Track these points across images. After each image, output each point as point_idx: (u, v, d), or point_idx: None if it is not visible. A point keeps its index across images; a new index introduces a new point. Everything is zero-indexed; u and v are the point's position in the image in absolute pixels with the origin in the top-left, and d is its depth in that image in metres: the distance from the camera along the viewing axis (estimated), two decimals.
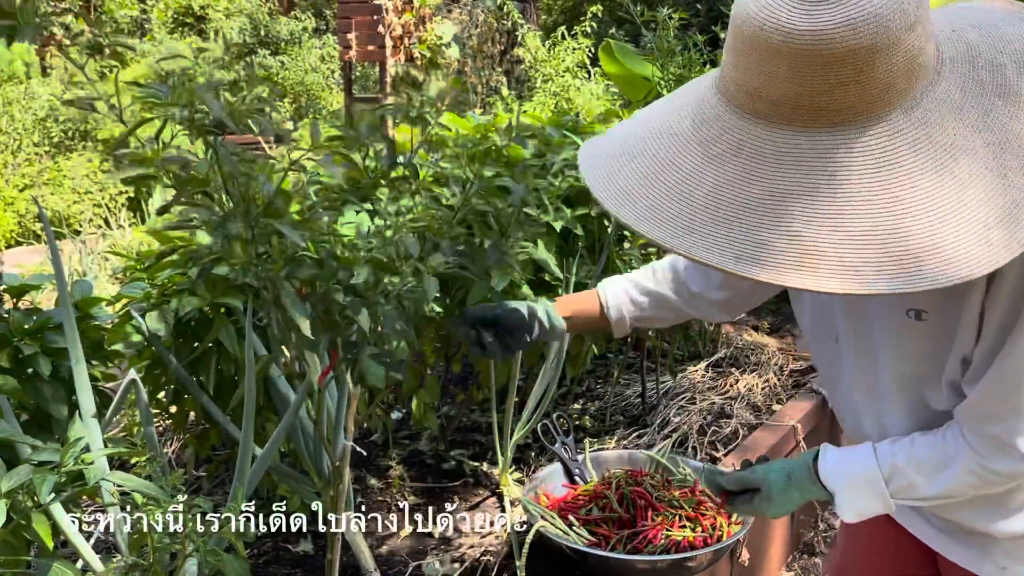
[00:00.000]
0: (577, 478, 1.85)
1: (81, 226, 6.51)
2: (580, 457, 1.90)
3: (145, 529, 1.05)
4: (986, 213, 0.73)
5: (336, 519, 1.41)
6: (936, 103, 0.78)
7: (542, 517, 1.64)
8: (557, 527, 1.63)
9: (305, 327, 1.08)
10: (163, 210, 1.09)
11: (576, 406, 2.53)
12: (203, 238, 1.51)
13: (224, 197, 1.03)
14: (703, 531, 1.62)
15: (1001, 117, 0.77)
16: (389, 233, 1.15)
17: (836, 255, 0.74)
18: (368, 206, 1.24)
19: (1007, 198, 0.74)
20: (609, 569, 1.58)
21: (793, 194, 0.76)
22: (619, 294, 1.35)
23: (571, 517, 1.65)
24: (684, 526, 1.63)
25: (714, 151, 0.81)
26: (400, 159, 1.17)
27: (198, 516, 1.07)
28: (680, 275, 1.31)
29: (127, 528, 1.32)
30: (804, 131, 0.77)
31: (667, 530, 1.61)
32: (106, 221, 6.75)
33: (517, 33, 9.32)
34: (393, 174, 1.17)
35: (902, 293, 0.72)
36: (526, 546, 1.61)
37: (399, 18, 8.32)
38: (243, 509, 1.17)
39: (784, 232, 0.75)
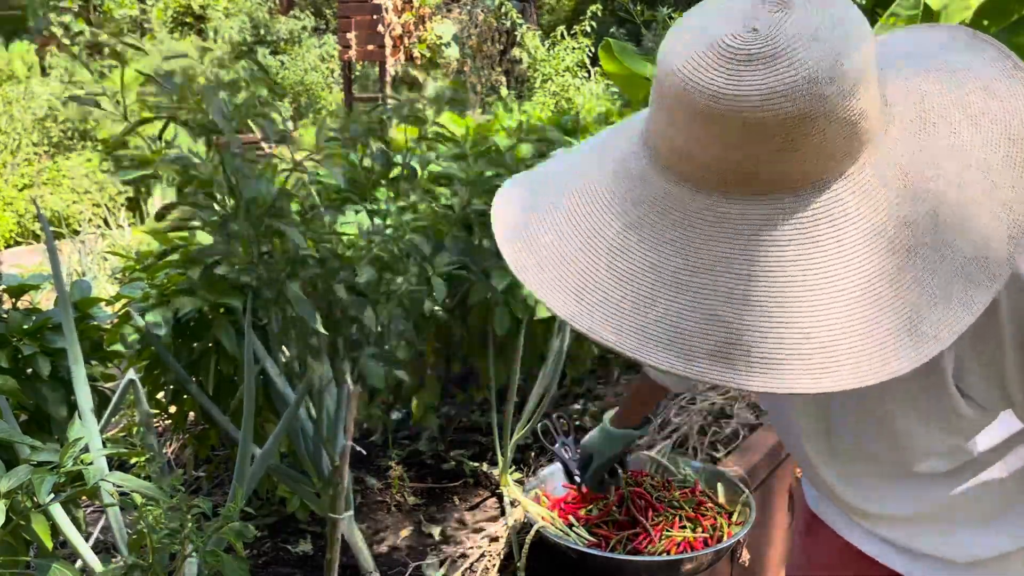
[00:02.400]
0: (577, 478, 1.85)
1: (80, 226, 6.51)
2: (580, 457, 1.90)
3: (144, 529, 1.04)
4: (918, 297, 0.66)
5: (336, 519, 1.41)
6: (878, 168, 0.70)
7: (542, 517, 1.64)
8: (557, 527, 1.63)
9: (317, 324, 1.08)
10: (161, 215, 1.09)
11: (576, 406, 2.53)
12: (204, 238, 1.51)
13: (226, 198, 1.03)
14: (703, 532, 1.62)
15: (949, 183, 0.69)
16: (390, 232, 1.15)
17: (762, 344, 0.65)
18: (368, 206, 1.24)
19: (942, 278, 0.67)
20: (609, 570, 1.58)
21: (715, 271, 0.67)
22: None
23: (571, 517, 1.65)
24: (684, 527, 1.63)
25: (634, 215, 0.72)
26: (397, 159, 1.17)
27: (198, 516, 1.07)
28: None
29: (126, 528, 1.32)
30: (735, 199, 0.68)
31: (667, 531, 1.60)
32: (105, 221, 6.74)
33: (516, 33, 9.32)
34: (392, 174, 1.17)
35: (819, 393, 0.64)
36: (526, 546, 1.61)
37: (399, 18, 8.32)
38: (242, 509, 1.17)
39: (705, 314, 0.67)
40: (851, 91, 0.66)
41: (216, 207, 1.06)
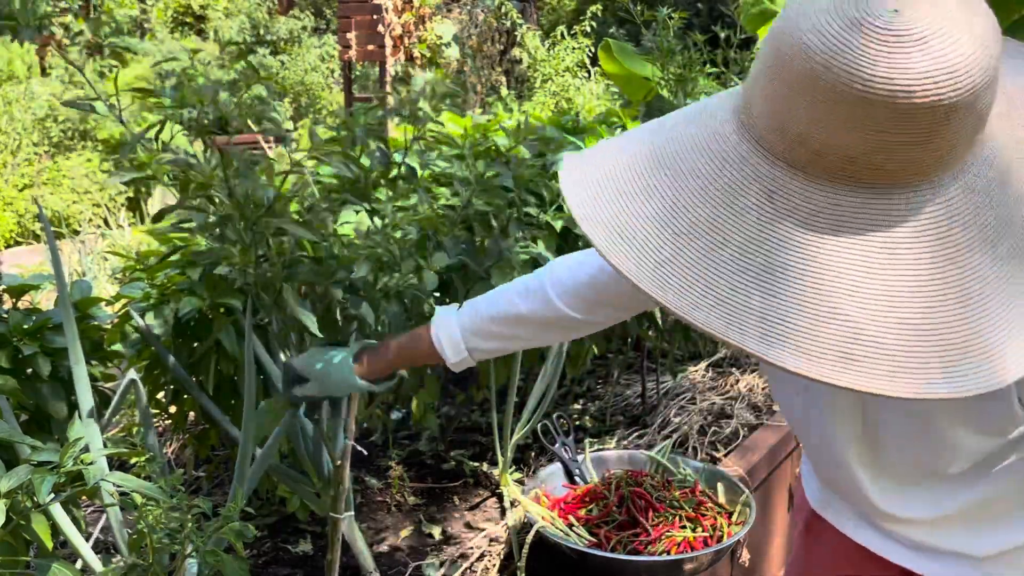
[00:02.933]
0: (577, 478, 1.85)
1: (80, 226, 6.51)
2: (580, 457, 1.90)
3: (144, 529, 1.04)
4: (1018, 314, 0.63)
5: (336, 519, 1.41)
6: (981, 167, 0.67)
7: (542, 517, 1.64)
8: (557, 527, 1.63)
9: (312, 326, 1.08)
10: (159, 216, 1.09)
11: (576, 406, 2.53)
12: (203, 240, 1.52)
13: (224, 199, 1.03)
14: (703, 531, 1.62)
15: None
16: (393, 232, 1.15)
17: (887, 346, 0.61)
18: (367, 206, 1.24)
19: None
20: (609, 570, 1.58)
21: (833, 266, 0.64)
22: (465, 343, 1.15)
23: (571, 517, 1.65)
24: (684, 527, 1.63)
25: (740, 203, 0.67)
26: (396, 157, 1.17)
27: (198, 516, 1.07)
28: (555, 304, 1.10)
29: (126, 528, 1.32)
30: (846, 190, 0.65)
31: (667, 531, 1.60)
32: (105, 221, 6.74)
33: (516, 33, 9.32)
34: (391, 173, 1.17)
35: (949, 398, 0.61)
36: (526, 546, 1.61)
37: (399, 18, 8.32)
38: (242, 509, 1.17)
39: (828, 312, 0.62)
40: (992, 82, 0.63)
41: (213, 209, 1.06)
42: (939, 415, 0.89)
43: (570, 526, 1.65)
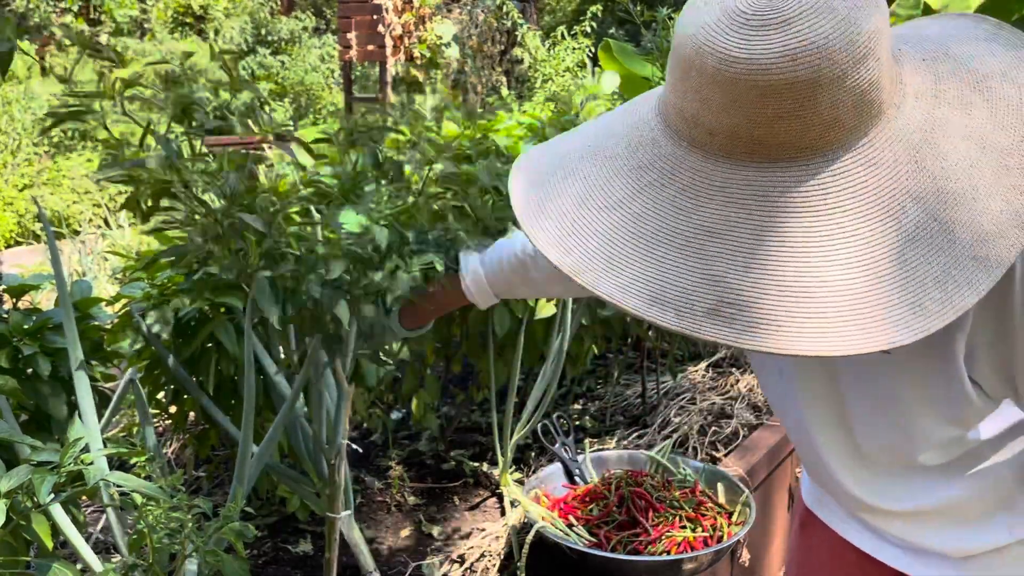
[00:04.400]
0: (577, 478, 1.85)
1: (80, 226, 6.51)
2: (580, 457, 1.90)
3: (144, 529, 1.05)
4: (924, 272, 0.66)
5: (335, 519, 1.41)
6: (889, 142, 0.70)
7: (542, 518, 1.64)
8: (557, 527, 1.63)
9: (273, 317, 1.08)
10: (148, 214, 1.09)
11: (576, 406, 2.53)
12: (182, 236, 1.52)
13: (188, 200, 1.03)
14: (703, 532, 1.62)
15: (960, 163, 0.70)
16: (374, 229, 1.15)
17: (758, 306, 0.66)
18: (363, 206, 1.25)
19: (948, 257, 0.67)
20: (609, 570, 1.58)
21: (719, 233, 0.69)
22: (488, 286, 1.24)
23: (571, 517, 1.65)
24: (684, 527, 1.63)
25: (645, 179, 0.74)
26: (401, 158, 1.18)
27: (198, 516, 1.07)
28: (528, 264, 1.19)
29: (126, 528, 1.32)
30: (741, 165, 0.70)
31: (667, 531, 1.61)
32: (105, 221, 6.75)
33: (517, 33, 9.33)
34: (383, 175, 1.18)
35: (817, 356, 0.65)
36: (526, 546, 1.61)
37: (399, 18, 8.32)
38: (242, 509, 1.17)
39: (705, 274, 0.68)
40: (862, 59, 0.67)
41: (192, 206, 1.06)
42: (901, 399, 0.92)
43: (570, 526, 1.65)
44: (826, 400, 1.00)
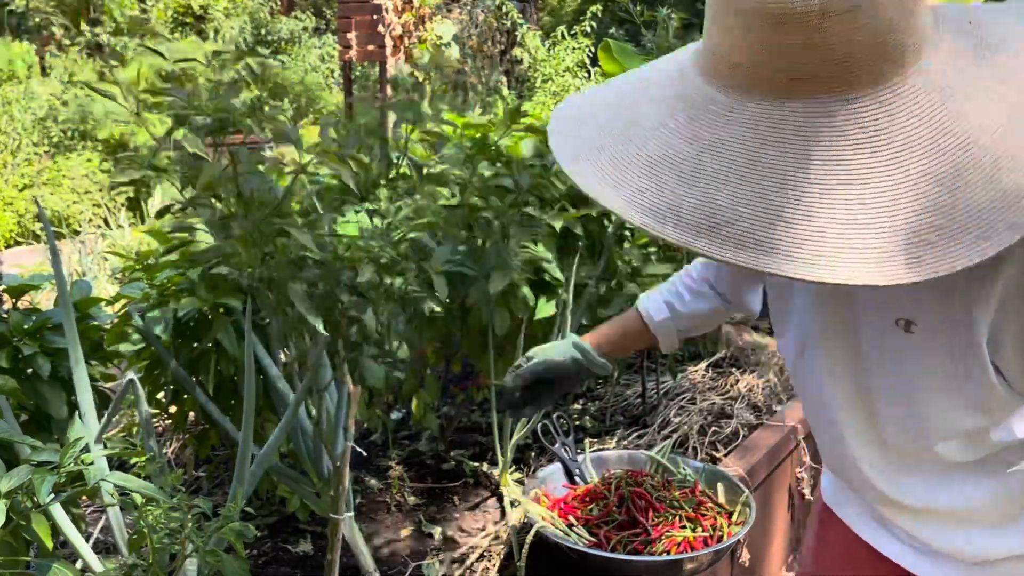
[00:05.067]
0: (577, 478, 1.85)
1: (80, 226, 6.52)
2: (580, 457, 1.90)
3: (144, 529, 1.05)
4: (926, 221, 0.67)
5: (336, 519, 1.41)
6: (913, 90, 0.71)
7: (542, 517, 1.64)
8: (558, 527, 1.63)
9: (318, 324, 1.08)
10: (163, 212, 1.09)
11: (576, 406, 2.53)
12: (203, 238, 1.52)
13: (232, 199, 1.03)
14: (703, 531, 1.62)
15: (989, 125, 0.71)
16: (396, 234, 1.15)
17: (741, 218, 0.70)
18: (368, 206, 1.24)
19: (970, 208, 0.67)
20: (609, 570, 1.58)
21: (723, 156, 0.73)
22: (662, 309, 1.36)
23: (571, 517, 1.65)
24: (684, 527, 1.63)
25: (675, 108, 0.78)
26: (395, 156, 1.18)
27: (198, 516, 1.07)
28: (709, 276, 1.33)
29: (126, 528, 1.32)
30: (775, 103, 0.72)
31: (667, 531, 1.61)
32: (105, 221, 6.75)
33: (517, 33, 9.33)
34: (391, 174, 1.17)
35: (857, 286, 0.67)
36: (526, 546, 1.61)
37: (399, 18, 8.32)
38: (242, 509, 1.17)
39: (707, 198, 0.71)
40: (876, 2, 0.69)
41: (219, 207, 1.06)
42: (923, 380, 0.92)
43: (570, 526, 1.65)
44: (849, 380, 1.00)
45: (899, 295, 0.90)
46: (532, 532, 1.59)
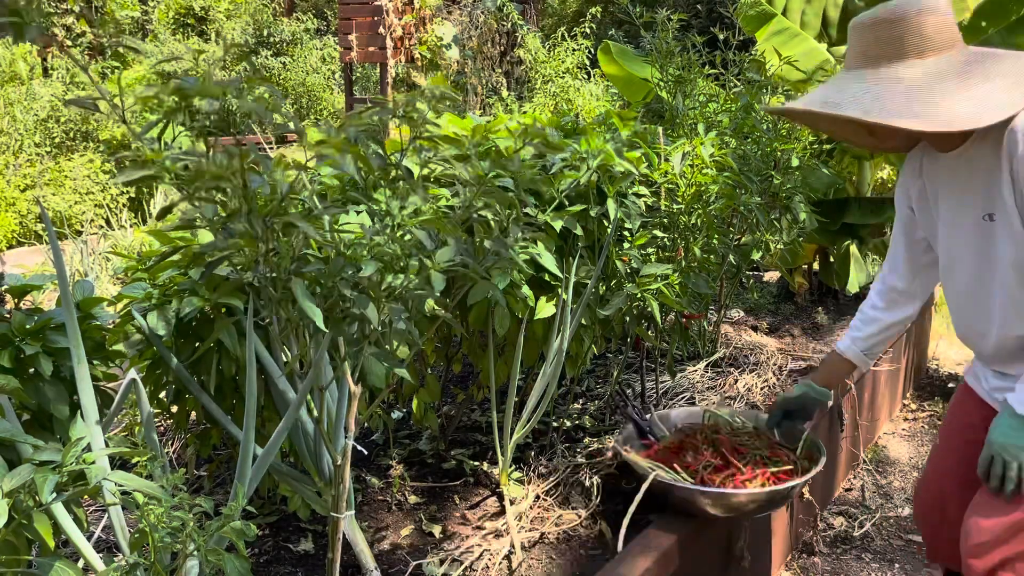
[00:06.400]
0: (649, 435, 2.01)
1: (82, 226, 6.52)
2: (647, 416, 2.07)
3: (146, 528, 1.05)
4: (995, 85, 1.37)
5: (337, 518, 1.41)
6: (953, 54, 1.42)
7: (649, 468, 1.78)
8: (667, 474, 1.79)
9: (319, 320, 1.09)
10: (164, 212, 1.10)
11: (576, 406, 2.54)
12: (206, 237, 1.52)
13: (234, 196, 1.03)
14: (786, 465, 1.82)
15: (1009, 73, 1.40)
16: (398, 233, 1.15)
17: (931, 102, 1.35)
18: (370, 205, 1.25)
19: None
20: (718, 504, 1.75)
21: (845, 89, 1.44)
22: (845, 340, 1.82)
23: (675, 465, 1.81)
24: (767, 464, 1.82)
25: (837, 80, 1.49)
26: (393, 159, 1.18)
27: (200, 515, 1.08)
28: (886, 288, 1.76)
29: (128, 527, 1.33)
30: (872, 67, 1.43)
31: (756, 469, 1.80)
32: (107, 221, 6.76)
33: (517, 34, 9.33)
34: (391, 175, 1.18)
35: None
36: (639, 495, 1.75)
37: (399, 19, 8.32)
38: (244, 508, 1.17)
39: (906, 94, 1.38)
40: (916, 13, 1.40)
41: (220, 205, 1.07)
42: (1002, 267, 1.43)
43: (676, 472, 1.79)
44: (973, 247, 1.48)
45: (991, 193, 1.40)
46: (649, 480, 1.75)
